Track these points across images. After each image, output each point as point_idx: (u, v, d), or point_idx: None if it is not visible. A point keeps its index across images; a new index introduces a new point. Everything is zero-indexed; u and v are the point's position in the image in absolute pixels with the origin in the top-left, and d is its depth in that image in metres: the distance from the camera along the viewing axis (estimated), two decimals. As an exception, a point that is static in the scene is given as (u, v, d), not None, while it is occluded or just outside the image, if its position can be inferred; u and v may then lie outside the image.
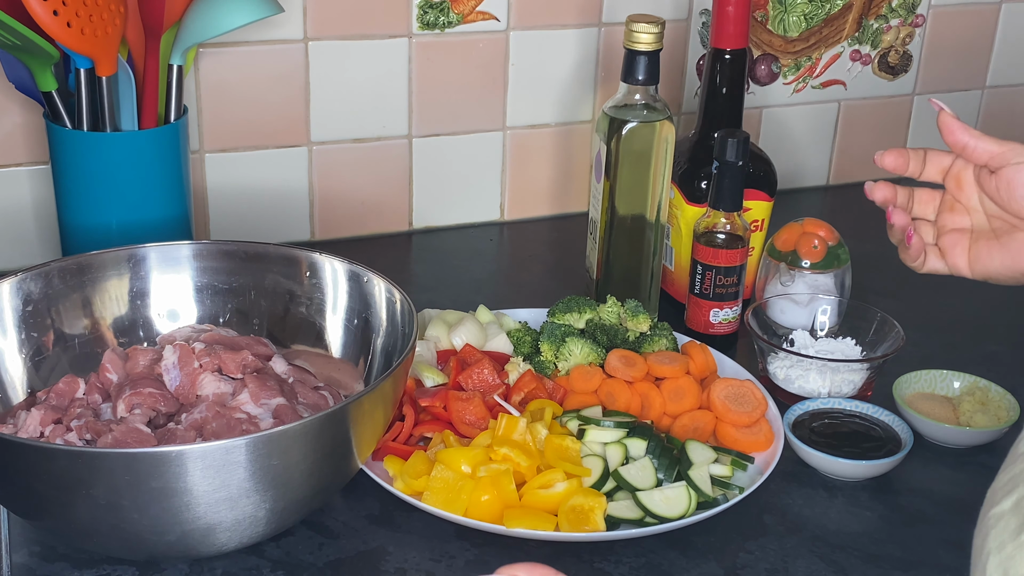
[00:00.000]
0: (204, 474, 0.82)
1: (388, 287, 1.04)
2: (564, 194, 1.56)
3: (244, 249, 1.10)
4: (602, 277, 1.27)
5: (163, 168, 1.19)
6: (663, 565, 0.95)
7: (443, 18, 1.42)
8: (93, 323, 1.07)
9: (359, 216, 1.47)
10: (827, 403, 1.11)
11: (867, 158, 1.70)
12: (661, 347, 1.16)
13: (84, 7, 1.08)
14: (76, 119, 1.16)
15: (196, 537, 0.86)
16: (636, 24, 1.18)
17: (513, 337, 1.16)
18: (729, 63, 1.28)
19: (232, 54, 1.35)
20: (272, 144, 1.40)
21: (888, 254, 1.52)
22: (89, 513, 0.84)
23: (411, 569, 0.93)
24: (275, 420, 0.96)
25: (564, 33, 1.48)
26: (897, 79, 1.68)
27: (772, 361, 1.17)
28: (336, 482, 0.95)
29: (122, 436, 0.93)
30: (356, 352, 1.07)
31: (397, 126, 1.45)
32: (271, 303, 1.10)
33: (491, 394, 1.07)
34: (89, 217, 1.18)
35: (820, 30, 1.61)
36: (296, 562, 0.93)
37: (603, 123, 1.21)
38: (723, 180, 1.21)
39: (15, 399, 1.02)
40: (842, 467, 1.04)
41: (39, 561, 0.92)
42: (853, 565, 0.95)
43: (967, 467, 1.08)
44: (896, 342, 1.16)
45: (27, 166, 1.32)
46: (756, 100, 1.61)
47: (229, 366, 1.01)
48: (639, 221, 1.24)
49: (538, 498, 0.97)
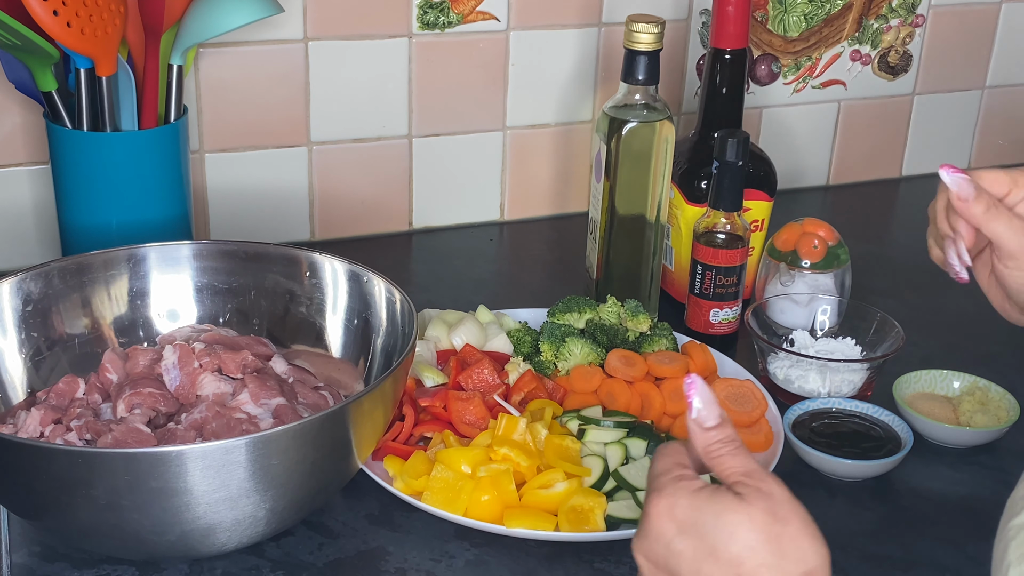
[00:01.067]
0: (204, 474, 0.81)
1: (388, 287, 1.04)
2: (564, 194, 1.56)
3: (244, 249, 1.10)
4: (602, 277, 1.27)
5: (163, 168, 1.19)
6: (663, 565, 0.94)
7: (443, 18, 1.42)
8: (93, 323, 1.07)
9: (359, 216, 1.47)
10: (827, 403, 1.11)
11: (867, 158, 1.71)
12: (661, 347, 1.16)
13: (84, 7, 1.08)
14: (76, 119, 1.16)
15: (196, 537, 0.86)
16: (636, 24, 1.18)
17: (513, 337, 1.16)
18: (729, 63, 1.28)
19: (232, 54, 1.35)
20: (272, 144, 1.40)
21: (888, 254, 1.53)
22: (89, 513, 0.84)
23: (411, 569, 0.93)
24: (275, 420, 0.96)
25: (564, 33, 1.48)
26: (897, 79, 1.68)
27: (772, 361, 1.17)
28: (336, 482, 0.95)
29: (122, 436, 0.93)
30: (356, 352, 1.07)
31: (397, 126, 1.45)
32: (271, 303, 1.10)
33: (491, 394, 1.07)
34: (89, 217, 1.18)
35: (820, 30, 1.61)
36: (296, 562, 0.93)
37: (603, 123, 1.21)
38: (723, 180, 1.21)
39: (15, 399, 1.02)
40: (842, 467, 1.04)
41: (39, 561, 0.92)
42: (853, 565, 0.95)
43: (967, 467, 1.08)
44: (896, 342, 1.16)
45: (27, 166, 1.32)
46: (756, 100, 1.61)
47: (229, 366, 1.01)
48: (639, 221, 1.24)
49: (538, 498, 0.97)
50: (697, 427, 0.70)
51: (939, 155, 1.75)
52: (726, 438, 0.70)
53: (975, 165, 1.78)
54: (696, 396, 0.70)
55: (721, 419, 0.70)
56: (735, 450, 0.69)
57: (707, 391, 0.70)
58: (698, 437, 0.70)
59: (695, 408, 0.70)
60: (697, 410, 0.70)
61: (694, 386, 0.70)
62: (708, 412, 0.70)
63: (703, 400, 0.70)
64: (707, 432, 0.69)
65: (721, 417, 0.70)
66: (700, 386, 0.70)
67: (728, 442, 0.69)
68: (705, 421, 0.70)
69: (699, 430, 0.70)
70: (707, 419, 0.70)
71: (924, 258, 1.06)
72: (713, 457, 0.69)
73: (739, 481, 0.67)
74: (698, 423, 0.70)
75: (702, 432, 0.70)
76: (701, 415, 0.70)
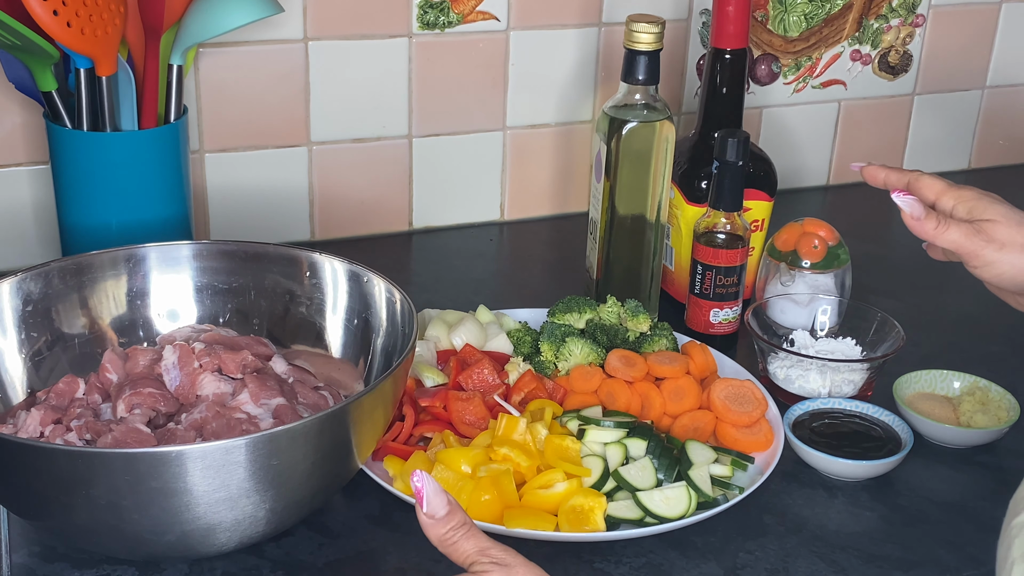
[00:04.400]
0: (204, 474, 0.81)
1: (388, 287, 1.04)
2: (564, 194, 1.56)
3: (244, 249, 1.10)
4: (602, 277, 1.27)
5: (163, 168, 1.19)
6: (663, 565, 0.95)
7: (443, 18, 1.42)
8: (93, 323, 1.07)
9: (359, 216, 1.47)
10: (827, 403, 1.11)
11: (867, 158, 1.71)
12: (661, 347, 1.16)
13: (84, 7, 1.08)
14: (76, 119, 1.16)
15: (196, 537, 0.86)
16: (636, 24, 1.18)
17: (513, 337, 1.16)
18: (729, 63, 1.28)
19: (232, 54, 1.35)
20: (272, 144, 1.40)
21: (888, 254, 1.53)
22: (89, 513, 0.84)
23: (411, 569, 0.93)
24: (275, 420, 0.96)
25: (564, 33, 1.48)
26: (897, 79, 1.68)
27: (772, 361, 1.17)
28: (336, 482, 0.95)
29: (122, 436, 0.93)
30: (356, 352, 1.07)
31: (397, 126, 1.45)
32: (271, 303, 1.10)
33: (491, 394, 1.07)
34: (89, 217, 1.18)
35: (820, 30, 1.61)
36: (296, 562, 0.93)
37: (603, 123, 1.21)
38: (723, 180, 1.21)
39: (15, 399, 1.02)
40: (842, 467, 1.04)
41: (39, 561, 0.92)
42: (853, 565, 0.95)
43: (967, 467, 1.08)
44: (896, 342, 1.16)
45: (27, 166, 1.32)
46: (756, 100, 1.61)
47: (229, 366, 1.01)
48: (639, 221, 1.24)
49: (538, 498, 0.97)
50: (429, 520, 0.72)
51: (939, 155, 1.75)
52: (457, 524, 0.72)
53: (975, 165, 1.79)
54: (425, 490, 0.72)
55: (450, 506, 0.72)
56: (467, 533, 0.72)
57: (433, 483, 0.72)
58: (431, 529, 0.72)
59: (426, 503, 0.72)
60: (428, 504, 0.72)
61: (422, 480, 0.72)
62: (438, 503, 0.72)
63: (433, 492, 0.72)
64: (438, 523, 0.72)
65: (450, 504, 0.73)
66: (427, 479, 0.72)
67: (459, 527, 0.72)
68: (436, 512, 0.72)
69: (431, 523, 0.72)
70: (437, 510, 0.72)
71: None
72: (448, 545, 0.72)
73: (475, 561, 0.71)
74: (430, 516, 0.72)
75: (434, 524, 0.72)
76: (432, 507, 0.72)
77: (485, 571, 0.70)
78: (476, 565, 0.71)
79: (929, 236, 0.95)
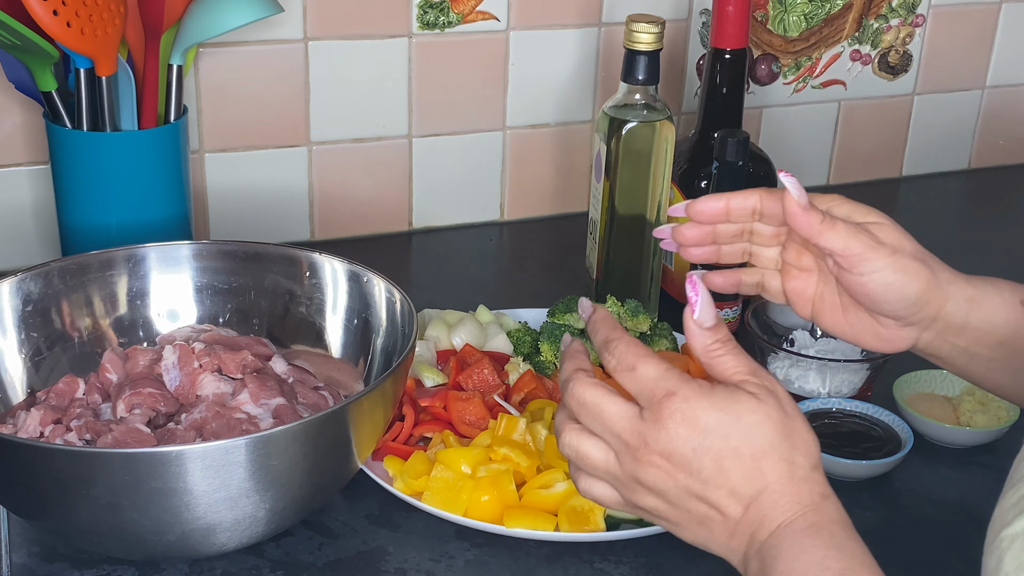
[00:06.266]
0: (204, 474, 0.82)
1: (388, 287, 1.04)
2: (564, 194, 1.56)
3: (244, 249, 1.10)
4: (602, 277, 1.27)
5: (163, 168, 1.19)
6: (663, 565, 0.94)
7: (443, 18, 1.42)
8: (93, 323, 1.07)
9: (359, 216, 1.47)
10: (827, 403, 1.11)
11: (867, 158, 1.71)
12: (661, 347, 1.16)
13: (84, 7, 1.08)
14: (76, 119, 1.16)
15: (196, 537, 0.86)
16: (636, 24, 1.18)
17: (513, 337, 1.16)
18: (729, 63, 1.28)
19: (232, 54, 1.35)
20: (272, 144, 1.40)
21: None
22: (89, 513, 0.84)
23: (411, 569, 0.93)
24: (275, 420, 0.96)
25: (564, 33, 1.48)
26: (897, 79, 1.68)
27: (772, 361, 1.17)
28: (336, 482, 0.95)
29: (122, 436, 0.93)
30: (356, 352, 1.07)
31: (397, 126, 1.45)
32: (271, 303, 1.10)
33: (491, 394, 1.07)
34: (89, 217, 1.18)
35: (820, 30, 1.61)
36: (296, 562, 0.93)
37: (603, 123, 1.21)
38: (723, 180, 1.20)
39: (15, 399, 1.02)
40: (842, 467, 1.04)
41: (39, 561, 0.92)
42: (853, 565, 0.95)
43: (967, 467, 1.08)
44: (896, 342, 1.16)
45: (27, 166, 1.32)
46: (756, 100, 1.61)
47: (229, 366, 1.01)
48: (639, 221, 1.24)
49: (538, 498, 0.97)
50: (697, 328, 0.70)
51: (939, 155, 1.75)
52: (724, 337, 0.70)
53: (975, 165, 1.79)
54: (700, 297, 0.70)
55: (717, 319, 0.70)
56: (734, 349, 0.70)
57: (707, 293, 0.70)
58: (697, 337, 0.70)
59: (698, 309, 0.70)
60: (700, 310, 0.70)
61: (697, 286, 0.70)
62: (709, 312, 0.70)
63: (706, 301, 0.70)
64: (706, 332, 0.70)
65: (717, 318, 0.71)
66: (702, 288, 0.70)
67: (726, 342, 0.70)
68: (706, 321, 0.70)
69: (698, 330, 0.70)
70: (707, 319, 0.70)
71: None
72: (713, 357, 0.70)
73: (746, 380, 0.69)
74: (699, 324, 0.70)
75: (701, 332, 0.70)
76: (703, 315, 0.70)
77: (759, 395, 0.68)
78: (747, 385, 0.69)
79: (814, 231, 0.80)
